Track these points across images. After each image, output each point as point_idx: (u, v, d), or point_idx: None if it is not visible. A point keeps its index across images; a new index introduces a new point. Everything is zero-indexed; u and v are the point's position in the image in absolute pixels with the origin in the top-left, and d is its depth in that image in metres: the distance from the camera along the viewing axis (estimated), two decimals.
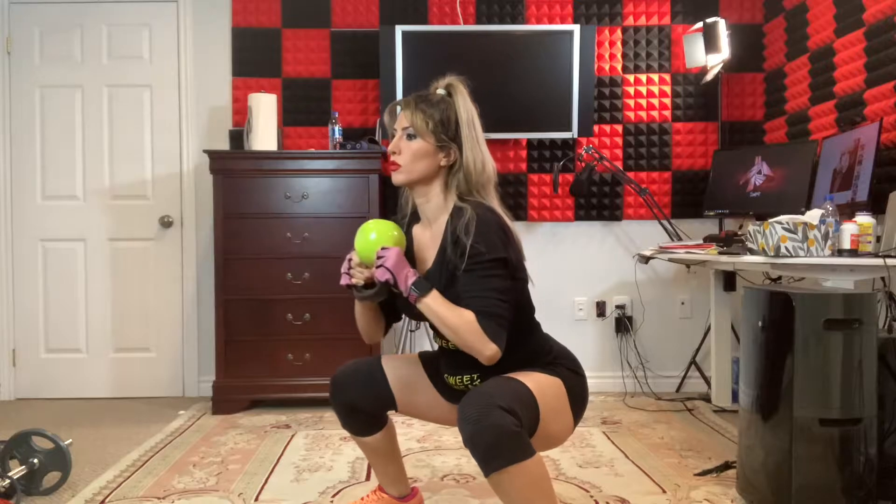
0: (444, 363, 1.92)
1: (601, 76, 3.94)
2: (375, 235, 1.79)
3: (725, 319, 3.58)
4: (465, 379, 1.87)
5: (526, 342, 1.86)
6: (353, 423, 2.03)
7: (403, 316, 2.00)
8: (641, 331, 4.01)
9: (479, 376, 1.82)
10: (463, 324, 1.69)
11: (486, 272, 1.71)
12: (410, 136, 1.81)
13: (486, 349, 1.68)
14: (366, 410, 2.00)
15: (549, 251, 3.97)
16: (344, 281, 1.83)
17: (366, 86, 3.92)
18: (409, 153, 1.81)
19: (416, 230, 1.94)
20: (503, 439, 1.55)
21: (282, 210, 3.54)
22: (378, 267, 1.73)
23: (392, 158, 1.83)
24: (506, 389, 1.65)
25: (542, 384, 1.74)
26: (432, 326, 1.80)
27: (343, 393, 1.98)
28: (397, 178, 1.84)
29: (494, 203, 1.84)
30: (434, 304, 1.71)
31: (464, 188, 1.82)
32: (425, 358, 2.05)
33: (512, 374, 1.75)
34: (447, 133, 1.81)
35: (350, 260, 1.84)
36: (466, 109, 1.83)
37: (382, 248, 1.76)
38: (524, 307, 1.87)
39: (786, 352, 2.08)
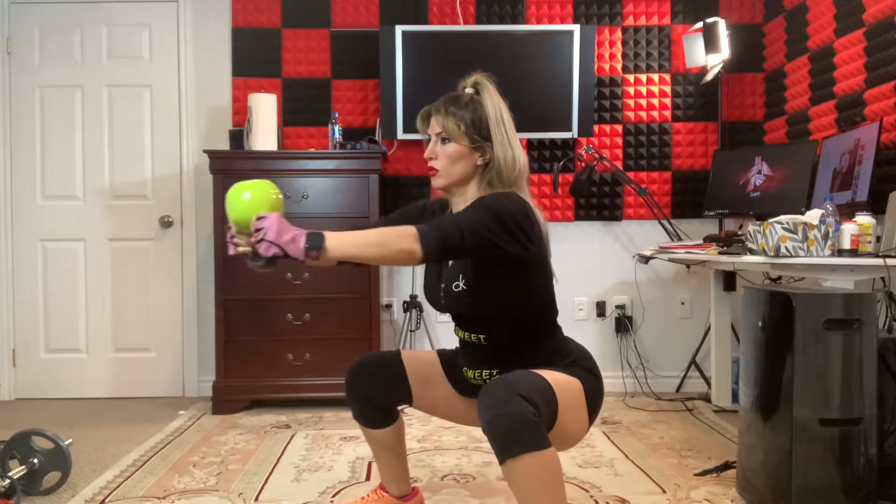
0: (464, 357, 1.94)
1: (601, 76, 3.94)
2: (249, 196, 1.63)
3: (725, 319, 3.58)
4: (484, 374, 1.88)
5: (547, 342, 1.88)
6: (366, 415, 2.04)
7: (404, 317, 2.00)
8: (641, 331, 4.01)
9: (499, 372, 1.83)
10: (388, 234, 1.63)
11: (470, 212, 1.71)
12: (445, 140, 1.84)
13: (415, 250, 1.61)
14: (381, 403, 2.02)
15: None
16: (231, 251, 1.68)
17: (366, 86, 3.92)
18: (445, 157, 1.84)
19: None
20: (522, 427, 1.56)
21: (284, 207, 3.53)
22: (259, 242, 1.57)
23: (430, 164, 1.86)
24: (527, 381, 1.66)
25: (561, 382, 1.75)
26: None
27: (361, 384, 1.99)
28: (437, 182, 1.87)
29: (527, 196, 1.85)
30: (339, 241, 1.59)
31: (497, 185, 1.84)
32: (443, 354, 2.07)
33: (534, 370, 1.76)
34: (480, 133, 1.83)
35: (230, 229, 1.68)
36: (494, 107, 1.85)
37: (258, 218, 1.59)
38: (548, 305, 1.90)
39: (786, 352, 2.08)
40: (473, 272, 1.79)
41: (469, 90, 1.89)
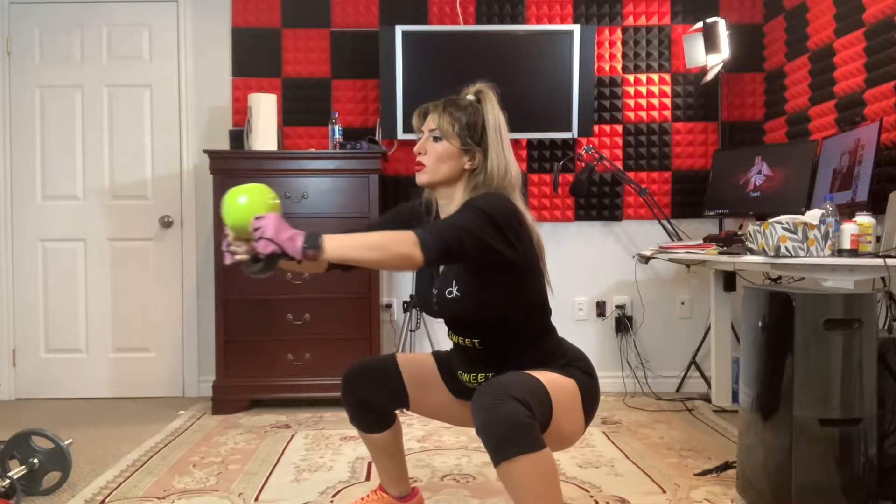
0: (459, 361, 1.94)
1: (601, 76, 3.94)
2: (246, 200, 1.60)
3: (725, 319, 3.58)
4: (479, 377, 1.88)
5: (542, 344, 1.87)
6: (362, 420, 2.04)
7: (404, 317, 2.00)
8: (641, 331, 4.01)
9: (494, 375, 1.82)
10: (387, 238, 1.62)
11: (464, 214, 1.71)
12: (436, 139, 1.84)
13: (415, 255, 1.59)
14: (378, 408, 2.02)
15: (549, 251, 3.88)
16: (227, 260, 1.64)
17: (366, 86, 3.92)
18: (433, 155, 1.84)
19: None
20: (515, 429, 1.56)
21: (282, 210, 3.53)
22: (258, 240, 1.56)
23: (417, 159, 1.87)
24: (520, 382, 1.66)
25: (556, 382, 1.75)
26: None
27: (356, 389, 1.99)
28: (421, 178, 1.87)
29: (520, 203, 1.85)
30: (338, 243, 1.58)
31: (484, 190, 1.83)
32: (439, 357, 2.07)
33: (527, 371, 1.75)
34: (472, 137, 1.83)
35: (227, 236, 1.65)
36: (494, 115, 1.86)
37: (256, 218, 1.57)
38: (541, 307, 1.89)
39: (786, 352, 2.08)
40: (467, 278, 1.78)
41: (471, 97, 1.90)
